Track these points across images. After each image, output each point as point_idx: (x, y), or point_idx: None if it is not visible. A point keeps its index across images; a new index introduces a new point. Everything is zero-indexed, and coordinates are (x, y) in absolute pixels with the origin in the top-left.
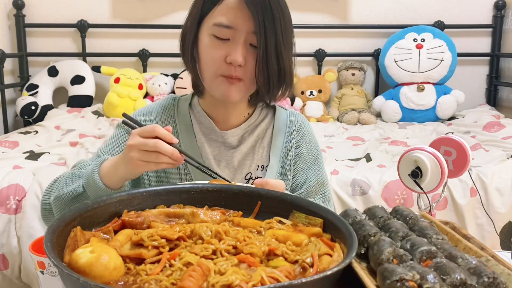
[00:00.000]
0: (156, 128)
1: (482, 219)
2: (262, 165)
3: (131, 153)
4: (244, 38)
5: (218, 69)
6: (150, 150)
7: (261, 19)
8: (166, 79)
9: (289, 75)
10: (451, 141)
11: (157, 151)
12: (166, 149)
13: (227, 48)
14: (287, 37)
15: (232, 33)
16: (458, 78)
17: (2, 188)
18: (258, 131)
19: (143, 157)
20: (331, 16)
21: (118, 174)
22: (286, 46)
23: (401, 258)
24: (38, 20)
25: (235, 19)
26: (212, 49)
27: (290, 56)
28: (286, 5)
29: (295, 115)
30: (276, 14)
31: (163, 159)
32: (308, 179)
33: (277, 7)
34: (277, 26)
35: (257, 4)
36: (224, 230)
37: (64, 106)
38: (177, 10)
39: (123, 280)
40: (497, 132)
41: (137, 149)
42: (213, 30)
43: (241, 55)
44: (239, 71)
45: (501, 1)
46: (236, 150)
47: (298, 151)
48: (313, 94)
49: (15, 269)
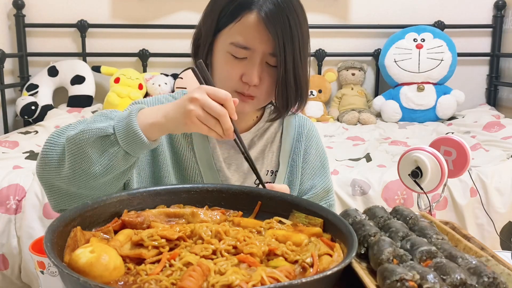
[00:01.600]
0: (229, 98)
1: (482, 219)
2: (271, 170)
3: (191, 106)
4: (261, 59)
5: (233, 86)
6: (212, 115)
7: (281, 41)
8: (166, 79)
9: (306, 89)
10: (451, 141)
11: (218, 119)
12: (227, 123)
13: (243, 67)
14: (304, 52)
15: (249, 53)
16: (458, 78)
17: (2, 188)
18: (267, 135)
19: (202, 117)
20: (331, 16)
21: (163, 124)
22: (303, 61)
23: (401, 258)
24: (38, 20)
25: (253, 40)
26: (228, 67)
27: (306, 69)
28: (303, 15)
29: (304, 120)
30: (295, 33)
31: (218, 129)
32: (314, 185)
33: (296, 25)
34: (296, 46)
35: (277, 25)
36: (224, 230)
37: (64, 106)
38: (177, 10)
39: (123, 280)
40: (497, 132)
41: (200, 106)
42: (229, 48)
43: (257, 76)
44: (253, 89)
45: (501, 1)
46: None
47: (306, 157)
48: (313, 94)
49: (15, 269)
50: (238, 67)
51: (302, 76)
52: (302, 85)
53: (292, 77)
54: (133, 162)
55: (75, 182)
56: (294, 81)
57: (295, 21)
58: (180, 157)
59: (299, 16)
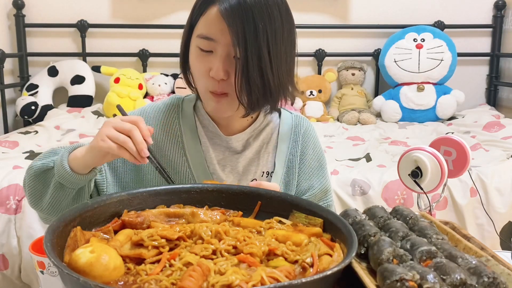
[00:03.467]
0: (140, 119)
1: (482, 219)
2: (267, 172)
3: (104, 128)
4: (225, 51)
5: (205, 84)
6: (123, 132)
7: (240, 31)
8: (166, 79)
9: (279, 89)
10: (451, 141)
11: (129, 135)
12: (138, 137)
13: (210, 62)
14: (277, 49)
15: (214, 45)
16: (458, 78)
17: (2, 188)
18: (263, 136)
19: (113, 135)
20: (331, 16)
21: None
22: (275, 59)
23: (401, 258)
24: (38, 20)
25: (215, 31)
26: (198, 62)
27: (282, 69)
28: (283, 12)
29: (301, 119)
30: (259, 25)
31: (130, 145)
32: (312, 186)
33: (262, 18)
34: (261, 40)
35: (235, 15)
36: (224, 230)
37: (64, 106)
38: (177, 10)
39: (123, 280)
40: (497, 132)
41: (112, 127)
42: (197, 41)
43: (221, 69)
44: (223, 85)
45: (501, 1)
46: (241, 155)
47: (303, 157)
48: (313, 94)
49: (15, 269)
50: (206, 61)
51: (273, 74)
52: (272, 82)
53: (257, 72)
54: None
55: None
56: (261, 78)
57: (262, 14)
58: (172, 164)
59: (272, 11)
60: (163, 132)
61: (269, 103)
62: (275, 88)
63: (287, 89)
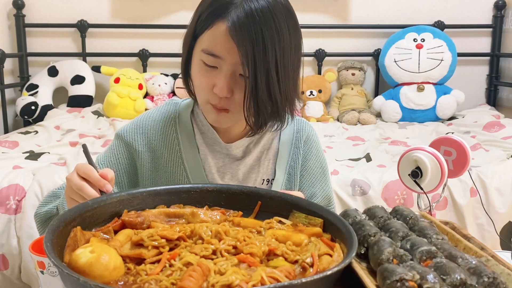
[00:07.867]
0: (91, 172)
1: (482, 219)
2: (267, 179)
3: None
4: (231, 69)
5: (206, 96)
6: (76, 190)
7: (250, 51)
8: (166, 79)
9: (285, 107)
10: (451, 141)
11: (80, 194)
12: (89, 193)
13: (214, 78)
14: (285, 66)
15: (219, 62)
16: (458, 78)
17: (2, 188)
18: (263, 142)
19: (70, 193)
20: (331, 16)
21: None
22: (283, 77)
23: (401, 258)
24: (38, 20)
25: (222, 49)
26: (201, 76)
27: (289, 85)
28: (290, 27)
29: (303, 124)
30: (270, 46)
31: (83, 200)
32: (314, 194)
33: (272, 36)
34: (270, 59)
35: (245, 34)
36: (224, 230)
37: (64, 106)
38: (177, 10)
39: (123, 280)
40: (497, 132)
41: (68, 186)
42: (201, 55)
43: (226, 87)
44: (225, 102)
45: (501, 1)
46: (241, 162)
47: (305, 164)
48: (313, 94)
49: (15, 269)
50: (209, 77)
51: (280, 91)
52: (280, 100)
53: (266, 91)
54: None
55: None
56: (268, 96)
57: (271, 32)
58: (170, 175)
59: (281, 28)
60: (161, 143)
61: (275, 121)
62: (282, 107)
63: (294, 104)
